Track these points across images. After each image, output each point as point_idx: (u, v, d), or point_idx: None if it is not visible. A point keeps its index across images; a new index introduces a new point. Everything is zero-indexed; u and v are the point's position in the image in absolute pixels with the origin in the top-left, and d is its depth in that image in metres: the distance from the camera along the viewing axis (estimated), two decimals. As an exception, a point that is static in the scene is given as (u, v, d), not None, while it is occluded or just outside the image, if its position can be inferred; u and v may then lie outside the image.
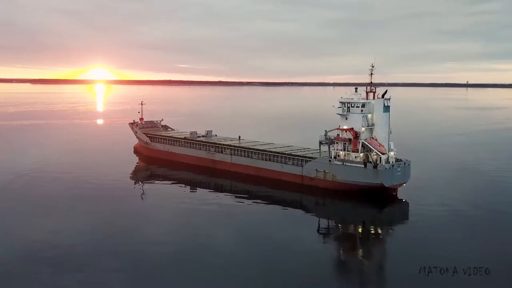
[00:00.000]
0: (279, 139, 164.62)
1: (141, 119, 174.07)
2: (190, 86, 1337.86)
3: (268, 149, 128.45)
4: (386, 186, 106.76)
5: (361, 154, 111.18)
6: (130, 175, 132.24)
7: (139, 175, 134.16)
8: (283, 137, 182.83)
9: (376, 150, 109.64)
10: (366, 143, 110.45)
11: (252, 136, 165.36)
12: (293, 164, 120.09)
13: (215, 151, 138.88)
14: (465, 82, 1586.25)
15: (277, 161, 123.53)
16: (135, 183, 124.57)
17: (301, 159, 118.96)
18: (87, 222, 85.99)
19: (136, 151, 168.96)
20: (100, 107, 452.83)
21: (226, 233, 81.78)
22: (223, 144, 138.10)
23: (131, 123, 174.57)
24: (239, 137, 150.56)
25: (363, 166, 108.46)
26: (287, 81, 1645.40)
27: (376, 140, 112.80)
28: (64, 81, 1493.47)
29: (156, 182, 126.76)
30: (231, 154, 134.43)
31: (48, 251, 71.96)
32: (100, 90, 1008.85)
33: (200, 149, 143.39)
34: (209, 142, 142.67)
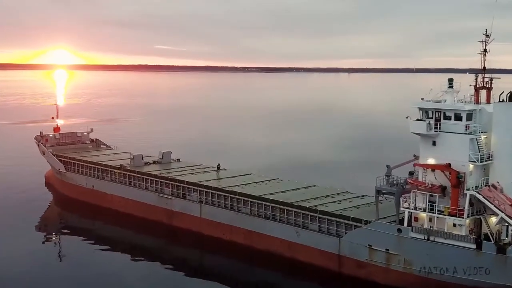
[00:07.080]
0: (290, 167, 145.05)
1: (56, 129, 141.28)
2: (171, 72, 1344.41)
3: (271, 196, 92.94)
4: (524, 290, 73.88)
5: (468, 220, 77.15)
6: (29, 231, 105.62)
7: (47, 229, 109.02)
8: (296, 159, 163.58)
9: (502, 213, 73.83)
10: (479, 196, 75.61)
11: (242, 159, 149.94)
12: (320, 231, 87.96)
13: (172, 195, 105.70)
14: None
15: (288, 222, 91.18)
16: (43, 242, 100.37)
17: (337, 222, 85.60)
18: None
19: (48, 182, 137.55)
20: (49, 100, 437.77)
21: None
22: (188, 182, 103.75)
23: (39, 136, 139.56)
24: (218, 167, 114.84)
25: (475, 246, 75.67)
26: (290, 66, 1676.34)
27: (501, 190, 75.97)
28: (16, 66, 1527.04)
29: (69, 246, 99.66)
30: (200, 201, 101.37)
31: None
32: (60, 77, 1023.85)
33: (146, 188, 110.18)
34: (162, 178, 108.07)
